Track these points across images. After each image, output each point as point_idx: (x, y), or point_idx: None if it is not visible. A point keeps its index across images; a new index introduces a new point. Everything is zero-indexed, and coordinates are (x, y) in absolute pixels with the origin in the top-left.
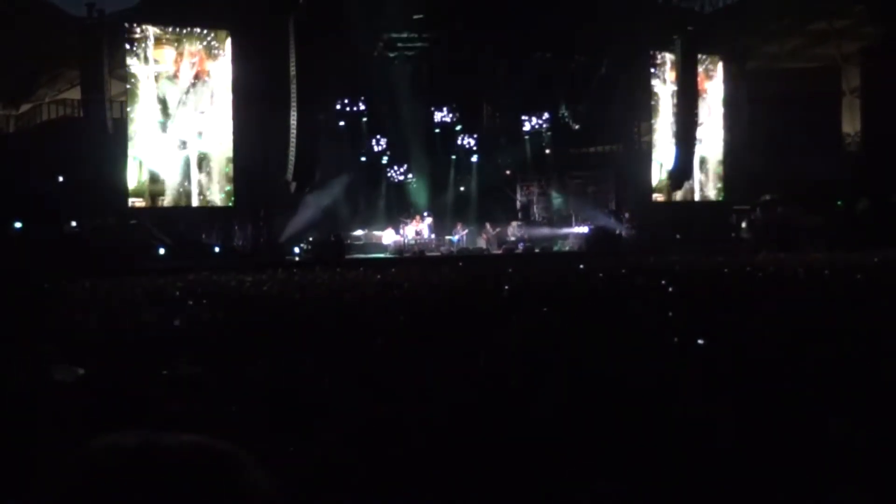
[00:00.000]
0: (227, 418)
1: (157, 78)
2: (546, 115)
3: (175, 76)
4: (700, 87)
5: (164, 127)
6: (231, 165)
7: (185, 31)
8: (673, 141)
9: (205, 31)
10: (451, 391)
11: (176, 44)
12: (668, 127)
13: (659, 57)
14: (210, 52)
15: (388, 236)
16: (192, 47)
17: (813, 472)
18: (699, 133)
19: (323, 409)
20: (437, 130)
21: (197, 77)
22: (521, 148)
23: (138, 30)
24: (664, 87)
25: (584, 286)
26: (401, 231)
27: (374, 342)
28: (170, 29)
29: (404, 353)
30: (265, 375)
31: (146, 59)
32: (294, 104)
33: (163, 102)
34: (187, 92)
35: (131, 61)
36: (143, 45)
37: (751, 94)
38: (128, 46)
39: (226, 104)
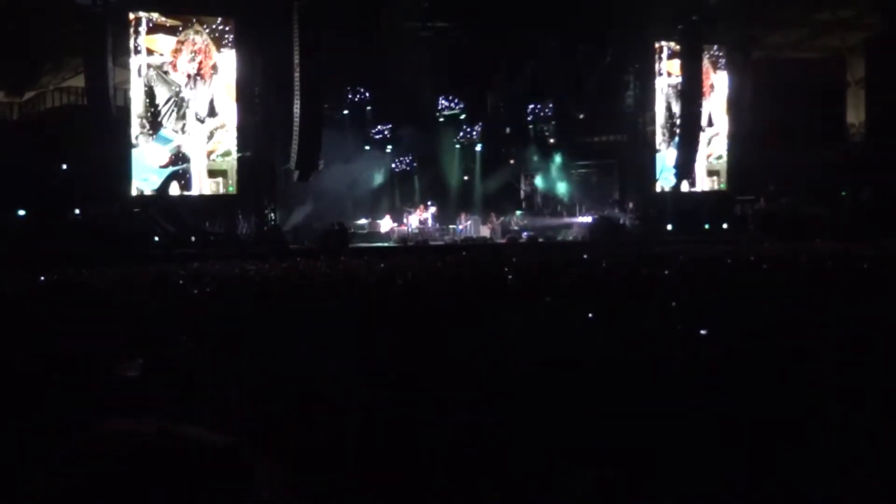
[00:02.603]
0: (228, 408)
1: (160, 66)
2: (550, 105)
3: (177, 64)
4: (704, 78)
5: (167, 115)
6: (234, 154)
7: (189, 19)
8: (677, 132)
9: (210, 19)
10: (452, 380)
11: (179, 32)
12: (662, 118)
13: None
14: (214, 40)
15: (385, 224)
16: (196, 35)
17: (815, 461)
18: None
19: (324, 398)
20: (441, 120)
21: (200, 64)
22: (525, 137)
23: (143, 18)
24: (659, 80)
25: (588, 275)
26: (405, 220)
27: (376, 331)
28: (173, 17)
29: (406, 342)
30: (267, 364)
31: (149, 49)
32: (297, 92)
33: (166, 90)
34: (191, 79)
35: (135, 50)
36: (147, 33)
37: (755, 84)
38: (131, 35)
39: (230, 92)
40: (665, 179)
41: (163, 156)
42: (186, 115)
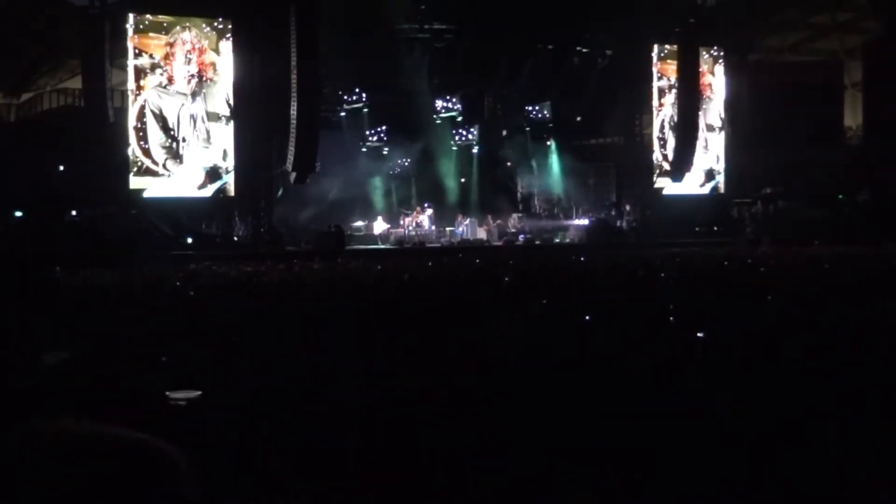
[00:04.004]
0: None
1: (156, 68)
2: (548, 107)
3: (174, 71)
4: (701, 80)
5: (165, 117)
6: (232, 154)
7: (186, 20)
8: (673, 134)
9: (207, 20)
10: (452, 382)
11: (175, 33)
12: (659, 121)
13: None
14: (211, 41)
15: (378, 226)
16: (193, 37)
17: (815, 464)
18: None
19: (323, 397)
20: (438, 121)
21: (198, 66)
22: (522, 140)
23: (139, 19)
24: (657, 82)
25: (585, 278)
26: (402, 222)
27: (374, 332)
28: (170, 18)
29: (404, 344)
30: (270, 364)
31: (141, 49)
32: (294, 94)
33: (173, 105)
34: (193, 80)
35: (131, 52)
36: (142, 34)
37: (752, 86)
38: (128, 37)
39: (227, 94)
40: (662, 181)
41: (198, 176)
42: (206, 121)
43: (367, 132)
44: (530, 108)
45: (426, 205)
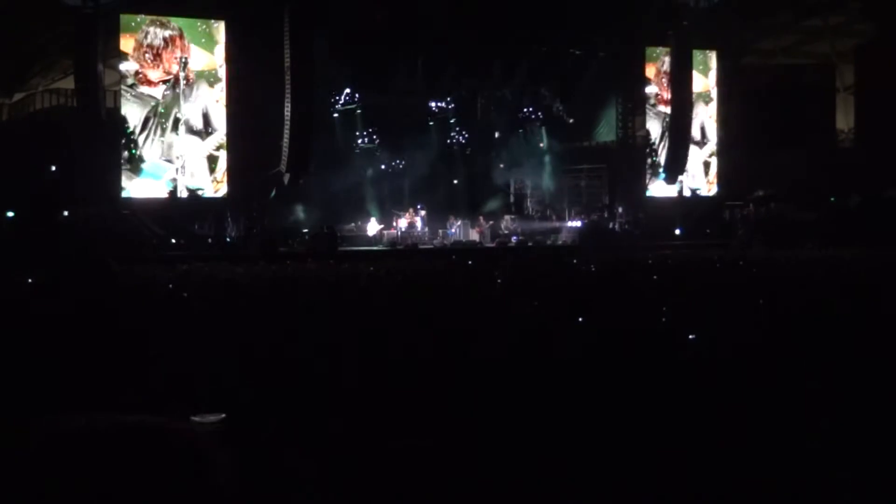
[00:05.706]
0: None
1: (150, 67)
2: (541, 110)
3: (169, 65)
4: (695, 83)
5: (149, 140)
6: (225, 156)
7: (179, 20)
8: (666, 136)
9: (201, 21)
10: (445, 382)
11: (169, 33)
12: (653, 123)
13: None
14: (205, 42)
15: (371, 227)
16: (187, 37)
17: (808, 469)
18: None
19: (318, 397)
20: (431, 123)
21: (184, 70)
22: (515, 141)
23: (131, 19)
24: (650, 85)
25: (576, 280)
26: (395, 224)
27: (367, 333)
28: (162, 19)
29: (402, 343)
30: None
31: (136, 51)
32: (288, 95)
33: (139, 109)
34: (183, 81)
35: (125, 51)
36: (133, 35)
37: (745, 89)
38: (120, 37)
39: (220, 94)
40: (655, 183)
41: (159, 194)
42: (178, 130)
43: (360, 133)
44: (523, 109)
45: (419, 206)
